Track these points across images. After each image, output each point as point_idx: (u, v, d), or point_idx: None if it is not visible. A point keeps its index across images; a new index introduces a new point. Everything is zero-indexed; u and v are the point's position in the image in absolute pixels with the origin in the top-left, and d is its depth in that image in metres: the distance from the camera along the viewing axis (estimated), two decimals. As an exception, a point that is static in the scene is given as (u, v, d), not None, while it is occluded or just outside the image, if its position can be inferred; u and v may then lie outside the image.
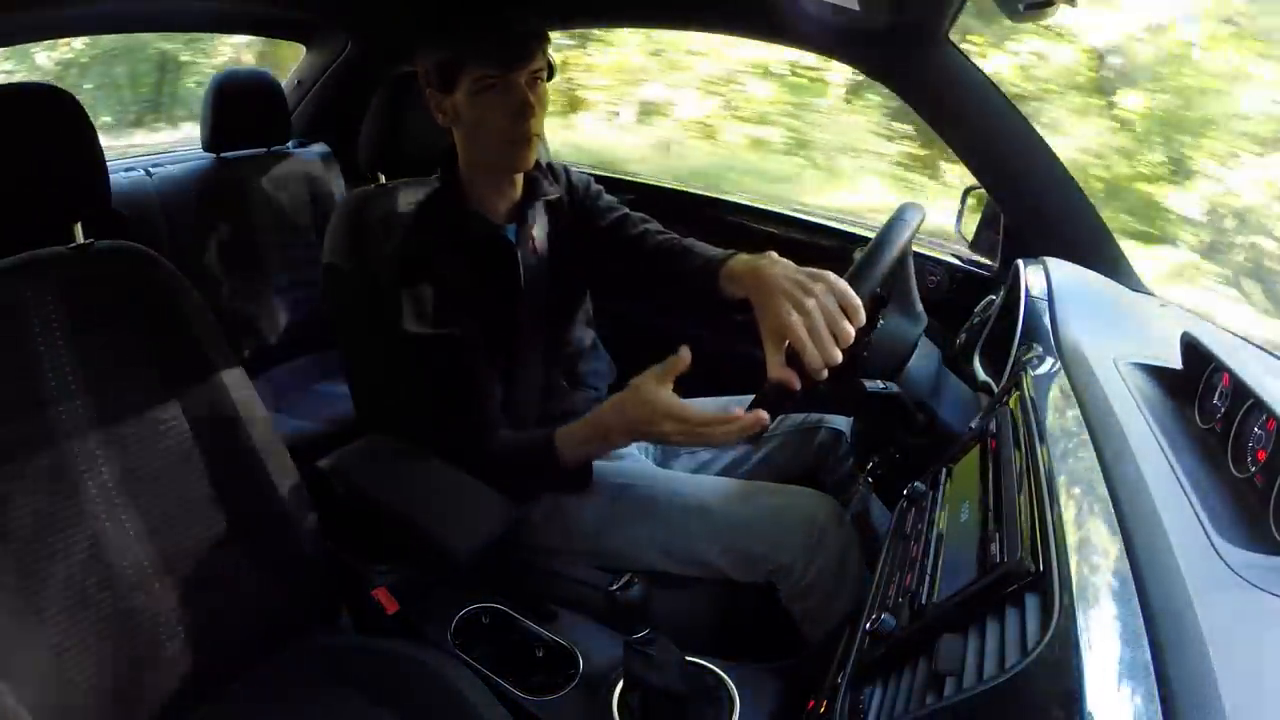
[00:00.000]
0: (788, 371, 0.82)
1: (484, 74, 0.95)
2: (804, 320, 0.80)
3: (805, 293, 0.81)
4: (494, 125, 0.98)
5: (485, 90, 0.96)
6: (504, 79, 0.96)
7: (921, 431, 0.91)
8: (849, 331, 0.81)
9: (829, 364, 0.80)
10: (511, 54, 0.95)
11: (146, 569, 0.84)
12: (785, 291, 0.83)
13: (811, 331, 0.80)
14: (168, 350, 0.87)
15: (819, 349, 0.80)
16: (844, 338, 0.81)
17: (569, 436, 0.99)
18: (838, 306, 0.81)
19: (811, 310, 0.80)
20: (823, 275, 0.83)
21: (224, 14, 1.70)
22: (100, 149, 0.85)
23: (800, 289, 0.82)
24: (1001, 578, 0.51)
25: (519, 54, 0.96)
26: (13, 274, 0.79)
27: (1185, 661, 0.40)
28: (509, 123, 0.97)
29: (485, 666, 0.94)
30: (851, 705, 0.58)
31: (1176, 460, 0.59)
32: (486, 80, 0.96)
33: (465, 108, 0.99)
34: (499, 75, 0.95)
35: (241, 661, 0.91)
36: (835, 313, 0.81)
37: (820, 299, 0.81)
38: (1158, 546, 0.48)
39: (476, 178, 1.07)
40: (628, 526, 1.06)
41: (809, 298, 0.81)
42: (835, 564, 1.00)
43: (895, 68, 1.16)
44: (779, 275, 0.86)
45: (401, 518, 0.94)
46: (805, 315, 0.80)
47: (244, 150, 1.72)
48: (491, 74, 0.95)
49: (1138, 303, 1.07)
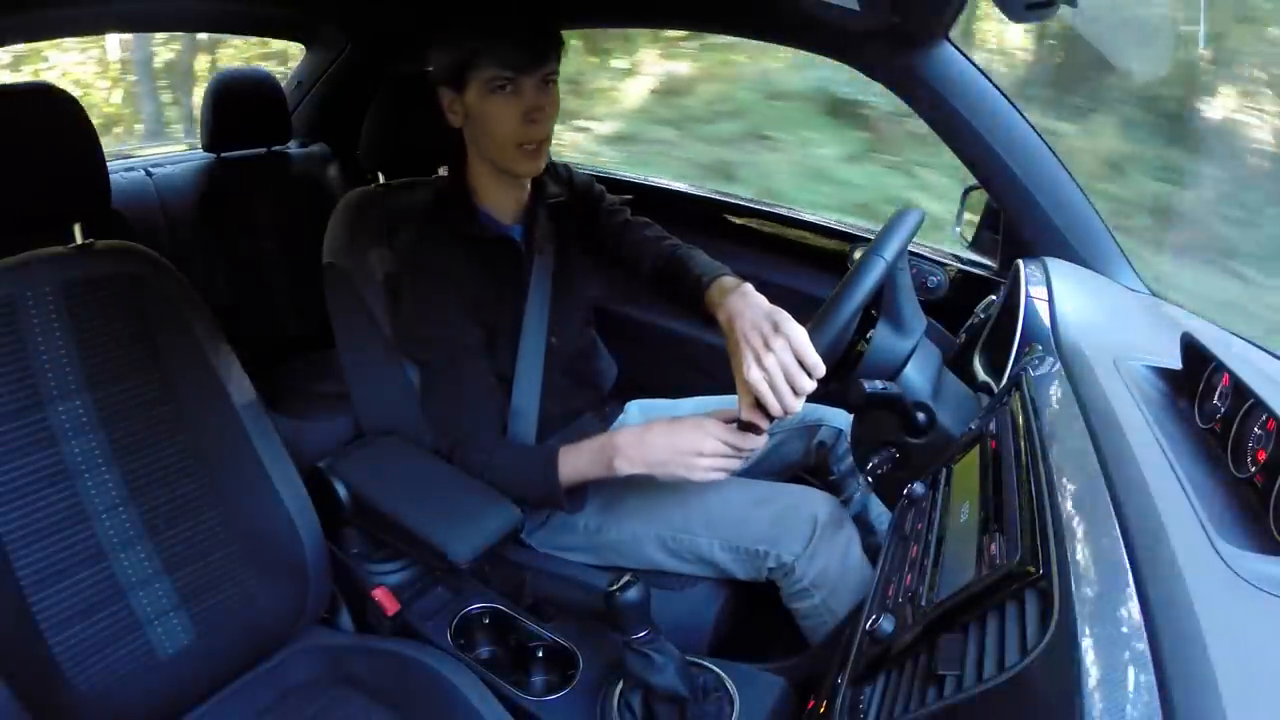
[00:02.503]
0: (757, 414, 0.89)
1: (496, 75, 0.95)
2: (764, 376, 0.85)
3: (766, 348, 0.85)
4: (504, 127, 0.97)
5: (496, 91, 0.96)
6: (515, 81, 0.95)
7: (921, 431, 0.91)
8: (808, 386, 0.85)
9: (789, 413, 0.86)
10: (524, 56, 0.95)
11: (147, 569, 0.84)
12: (749, 342, 0.87)
13: (772, 386, 0.85)
14: (168, 350, 0.87)
15: (779, 400, 0.85)
16: (801, 391, 0.85)
17: (572, 453, 0.99)
18: (796, 364, 0.85)
19: (770, 366, 0.85)
20: (784, 327, 0.86)
21: (224, 14, 1.70)
22: (100, 149, 0.85)
23: (762, 343, 0.86)
24: (1001, 578, 0.51)
25: (532, 56, 0.95)
26: (13, 274, 0.79)
27: (1185, 661, 0.40)
28: (519, 125, 0.97)
29: (485, 666, 0.94)
30: (851, 705, 0.58)
31: (1176, 460, 0.59)
32: (498, 81, 0.95)
33: (476, 108, 0.98)
34: (511, 77, 0.95)
35: (242, 661, 0.91)
36: (794, 369, 0.85)
37: (779, 355, 0.85)
38: (1158, 546, 0.48)
39: (485, 178, 1.06)
40: (628, 524, 1.06)
41: (768, 354, 0.85)
42: (836, 563, 1.00)
43: (895, 68, 1.16)
44: (746, 321, 0.89)
45: (401, 521, 0.94)
46: (764, 371, 0.85)
47: (244, 150, 1.72)
48: (503, 75, 0.95)
49: (1138, 303, 1.07)
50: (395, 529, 0.95)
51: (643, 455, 0.95)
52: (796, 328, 0.86)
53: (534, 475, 0.99)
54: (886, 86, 1.20)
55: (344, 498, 0.98)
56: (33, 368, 0.79)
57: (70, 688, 0.77)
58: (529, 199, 1.11)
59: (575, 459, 0.98)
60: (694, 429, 0.93)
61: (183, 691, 0.86)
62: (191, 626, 0.86)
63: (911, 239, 0.93)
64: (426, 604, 1.03)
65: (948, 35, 1.12)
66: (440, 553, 0.90)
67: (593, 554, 1.09)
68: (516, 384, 1.08)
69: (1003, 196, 1.16)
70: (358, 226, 1.12)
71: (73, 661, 0.77)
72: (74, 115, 0.81)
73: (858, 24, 1.04)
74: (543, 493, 0.99)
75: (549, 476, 0.98)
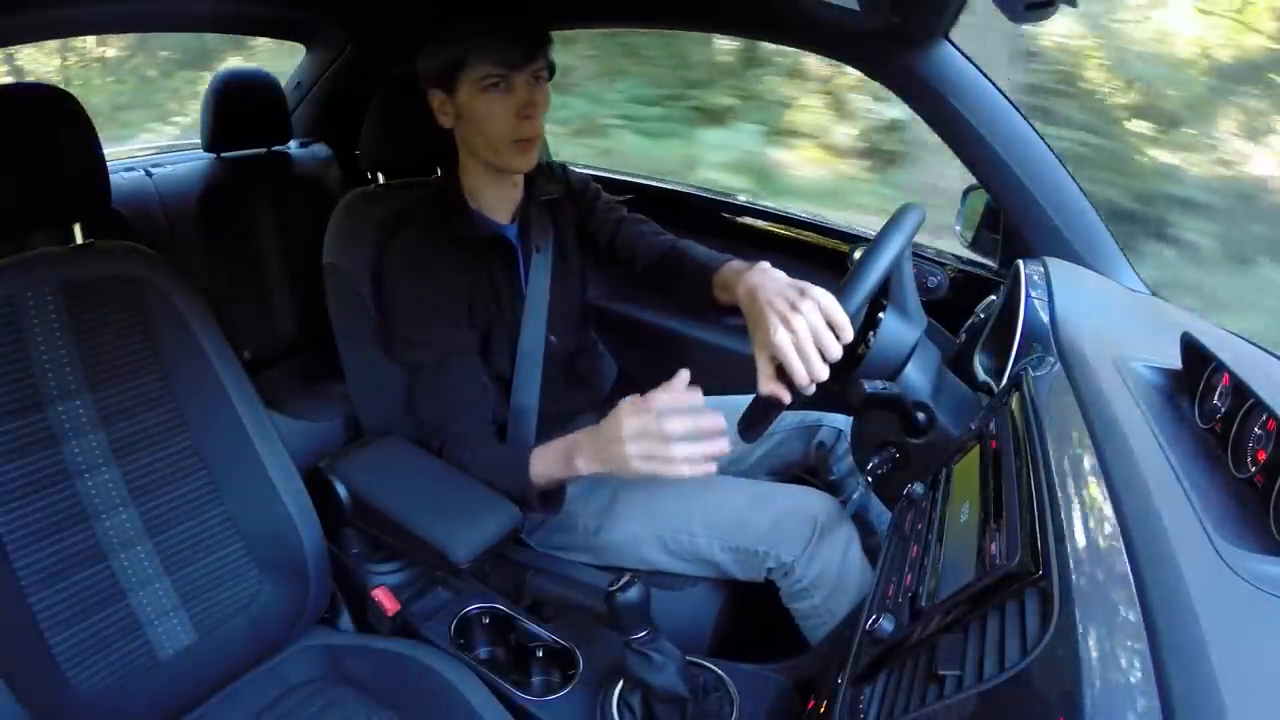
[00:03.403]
0: (778, 386, 0.83)
1: (489, 73, 0.95)
2: (791, 338, 0.81)
3: (793, 310, 0.82)
4: (498, 125, 0.98)
5: (489, 89, 0.96)
6: (508, 78, 0.96)
7: (921, 431, 0.91)
8: (836, 350, 0.81)
9: (816, 381, 0.81)
10: (516, 53, 0.96)
11: (147, 569, 0.84)
12: (774, 308, 0.83)
13: (799, 350, 0.80)
14: (168, 350, 0.87)
15: (806, 366, 0.81)
16: (831, 355, 0.81)
17: (542, 453, 0.97)
18: (825, 324, 0.81)
19: (799, 327, 0.81)
20: (811, 292, 0.83)
21: (224, 14, 1.69)
22: (100, 149, 0.85)
23: (789, 306, 0.82)
24: (1001, 578, 0.51)
25: (523, 53, 0.96)
26: (12, 273, 0.79)
27: (1185, 662, 0.40)
28: (513, 122, 0.98)
29: (485, 666, 0.94)
30: (851, 705, 0.58)
31: (1176, 460, 0.59)
32: (491, 79, 0.96)
33: (468, 108, 0.99)
34: (503, 74, 0.96)
35: (242, 661, 0.91)
36: (822, 331, 0.81)
37: (808, 316, 0.81)
38: (1158, 546, 0.48)
39: (478, 178, 1.07)
40: (628, 524, 1.06)
41: (796, 315, 0.81)
42: (835, 563, 1.00)
43: (895, 68, 1.16)
44: (769, 290, 0.86)
45: (402, 521, 0.94)
46: (792, 333, 0.81)
47: (244, 150, 1.72)
48: (496, 73, 0.95)
49: (1138, 303, 1.07)
50: (395, 529, 0.95)
51: (596, 448, 0.90)
52: (824, 292, 0.83)
53: (507, 476, 0.98)
54: (886, 86, 1.20)
55: (344, 498, 0.98)
56: (33, 368, 0.79)
57: (70, 688, 0.77)
58: (523, 197, 1.11)
59: (544, 459, 0.96)
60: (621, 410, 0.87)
61: (183, 691, 0.86)
62: (191, 627, 0.86)
63: (915, 233, 0.93)
64: (426, 604, 1.03)
65: (948, 35, 1.12)
66: (441, 554, 0.90)
67: (592, 554, 1.09)
68: (516, 383, 1.08)
69: (1003, 196, 1.16)
70: (357, 226, 1.12)
71: (73, 661, 0.77)
72: (74, 115, 0.81)
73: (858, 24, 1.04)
74: (517, 493, 0.97)
75: (519, 477, 0.96)
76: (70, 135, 0.82)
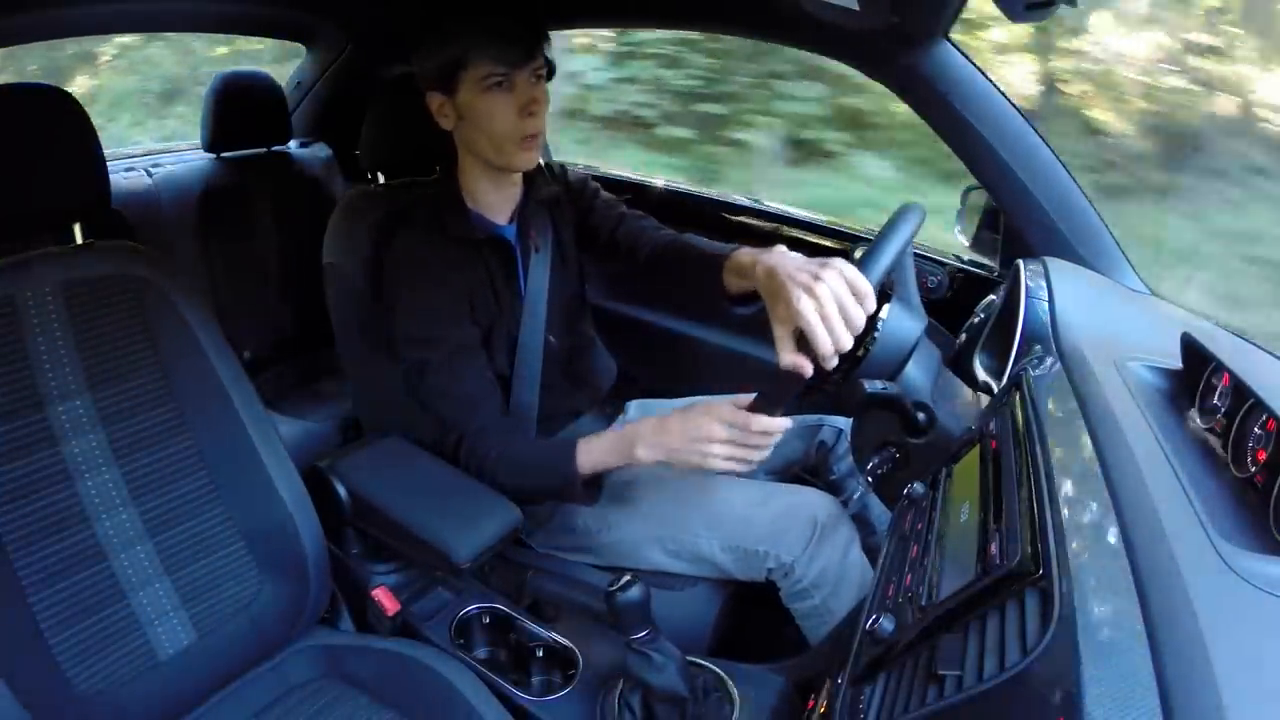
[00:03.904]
0: (799, 358, 0.82)
1: (490, 72, 0.95)
2: (815, 305, 0.79)
3: (816, 278, 0.81)
4: (502, 123, 0.98)
5: (492, 89, 0.96)
6: (510, 76, 0.96)
7: (921, 431, 0.91)
8: (860, 317, 0.80)
9: (840, 349, 0.80)
10: (517, 52, 0.96)
11: (147, 569, 0.84)
12: (796, 280, 0.82)
13: (823, 316, 0.79)
14: (168, 350, 0.87)
15: (831, 333, 0.79)
16: (855, 322, 0.80)
17: (591, 444, 0.98)
18: (849, 291, 0.80)
19: (823, 295, 0.79)
20: (832, 262, 0.83)
21: (224, 14, 1.70)
22: (100, 149, 0.85)
23: (811, 277, 0.81)
24: (1001, 578, 0.51)
25: (524, 51, 0.96)
26: (12, 273, 0.79)
27: (1185, 661, 0.40)
28: (517, 120, 0.98)
29: (485, 666, 0.94)
30: (851, 705, 0.58)
31: (1176, 460, 0.59)
32: (493, 78, 0.96)
33: (470, 108, 0.99)
34: (505, 73, 0.96)
35: (242, 661, 0.91)
36: (846, 297, 0.80)
37: (831, 284, 0.80)
38: (1158, 546, 0.48)
39: (477, 178, 1.07)
40: (628, 524, 1.06)
41: (820, 283, 0.80)
42: (836, 563, 1.00)
43: (895, 68, 1.16)
44: (789, 265, 0.85)
45: (401, 521, 0.94)
46: (816, 300, 0.79)
47: (244, 150, 1.72)
48: (498, 72, 0.95)
49: (1138, 303, 1.07)
50: (395, 529, 0.95)
51: (663, 441, 0.93)
52: (845, 261, 0.83)
53: (551, 466, 0.98)
54: (886, 86, 1.20)
55: (344, 498, 0.98)
56: (32, 367, 0.79)
57: (70, 688, 0.77)
58: (521, 197, 1.11)
59: (594, 448, 0.97)
60: (704, 413, 0.91)
61: (183, 692, 0.86)
62: (192, 627, 0.86)
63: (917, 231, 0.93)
64: (426, 604, 1.03)
65: (947, 35, 1.12)
66: (442, 554, 0.90)
67: (593, 554, 1.09)
68: (515, 383, 1.08)
69: (1003, 196, 1.16)
70: (357, 227, 1.12)
71: (73, 661, 0.77)
72: (74, 115, 0.81)
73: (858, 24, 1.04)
74: (559, 484, 0.98)
75: (566, 467, 0.97)
76: (70, 135, 0.82)
